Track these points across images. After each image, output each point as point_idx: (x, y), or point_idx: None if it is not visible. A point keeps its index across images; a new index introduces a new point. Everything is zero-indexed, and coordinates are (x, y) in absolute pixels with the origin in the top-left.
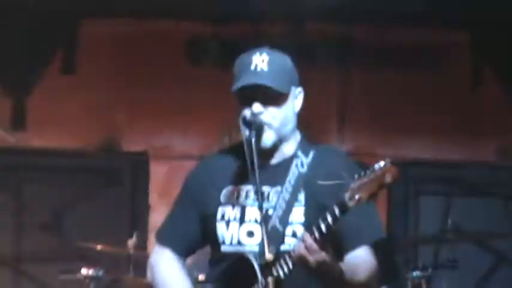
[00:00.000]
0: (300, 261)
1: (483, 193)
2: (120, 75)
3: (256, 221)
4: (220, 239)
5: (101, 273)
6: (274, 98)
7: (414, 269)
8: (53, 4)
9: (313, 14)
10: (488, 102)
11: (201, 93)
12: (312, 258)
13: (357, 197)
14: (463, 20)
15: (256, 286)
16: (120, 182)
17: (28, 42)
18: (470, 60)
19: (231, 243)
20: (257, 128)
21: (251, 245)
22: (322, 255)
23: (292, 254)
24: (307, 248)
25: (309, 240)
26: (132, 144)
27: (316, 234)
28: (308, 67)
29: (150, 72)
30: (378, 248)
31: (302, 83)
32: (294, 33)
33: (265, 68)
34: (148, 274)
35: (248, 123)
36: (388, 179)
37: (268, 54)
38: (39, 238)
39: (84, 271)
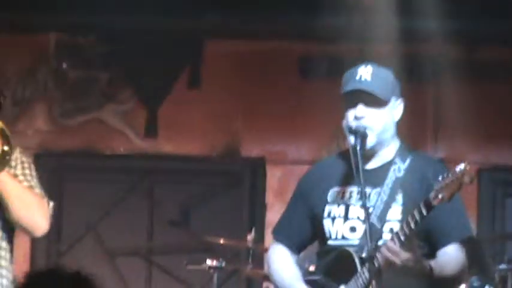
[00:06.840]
0: (387, 264)
1: None
2: (240, 89)
3: (358, 218)
4: (327, 235)
5: (223, 264)
6: (375, 102)
7: (501, 263)
8: (182, 26)
9: (412, 36)
10: None
11: (311, 104)
12: (397, 260)
13: (440, 196)
14: None
15: (356, 276)
16: (240, 184)
17: (161, 59)
18: None
19: (336, 238)
20: (362, 135)
21: (353, 239)
22: (406, 255)
23: (381, 253)
24: (391, 252)
25: (392, 245)
26: (250, 150)
27: (406, 230)
28: (406, 83)
29: (266, 86)
30: (466, 245)
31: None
32: (393, 53)
33: (369, 78)
34: (266, 266)
35: (354, 132)
36: (467, 179)
37: (372, 66)
38: (169, 233)
39: (208, 262)
